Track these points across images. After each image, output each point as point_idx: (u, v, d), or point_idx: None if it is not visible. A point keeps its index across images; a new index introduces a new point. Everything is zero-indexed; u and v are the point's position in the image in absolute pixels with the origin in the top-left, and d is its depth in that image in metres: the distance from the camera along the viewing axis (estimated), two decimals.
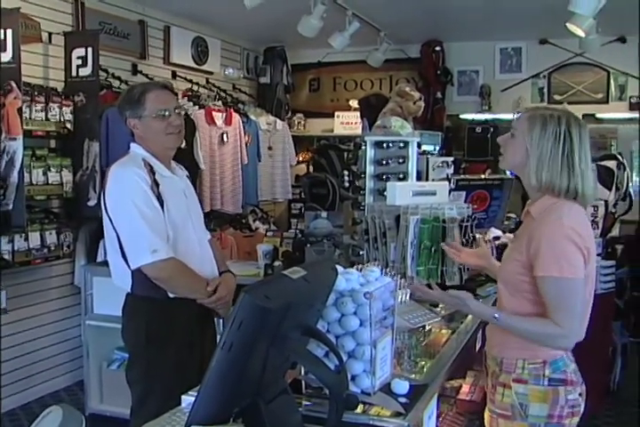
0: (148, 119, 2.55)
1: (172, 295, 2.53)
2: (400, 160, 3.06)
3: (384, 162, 3.02)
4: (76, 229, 4.53)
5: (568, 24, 4.58)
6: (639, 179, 6.37)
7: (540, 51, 6.57)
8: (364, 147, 3.04)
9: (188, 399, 1.68)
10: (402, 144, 3.06)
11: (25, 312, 4.33)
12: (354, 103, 6.64)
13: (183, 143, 3.28)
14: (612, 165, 4.60)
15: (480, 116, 6.71)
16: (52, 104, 4.17)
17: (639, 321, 4.83)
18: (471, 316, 2.69)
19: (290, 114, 7.20)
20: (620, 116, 6.40)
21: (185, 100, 5.29)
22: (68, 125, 4.27)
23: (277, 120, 6.34)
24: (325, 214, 3.65)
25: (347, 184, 3.30)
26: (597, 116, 6.46)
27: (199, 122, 5.17)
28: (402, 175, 3.05)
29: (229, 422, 1.40)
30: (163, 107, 2.55)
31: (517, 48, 6.69)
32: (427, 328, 2.44)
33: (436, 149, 3.70)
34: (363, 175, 3.04)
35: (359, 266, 1.92)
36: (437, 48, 6.70)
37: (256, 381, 1.39)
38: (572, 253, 1.88)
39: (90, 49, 4.36)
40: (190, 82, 5.69)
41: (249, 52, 7.01)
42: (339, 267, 1.74)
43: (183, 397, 1.70)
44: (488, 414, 2.11)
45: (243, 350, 1.29)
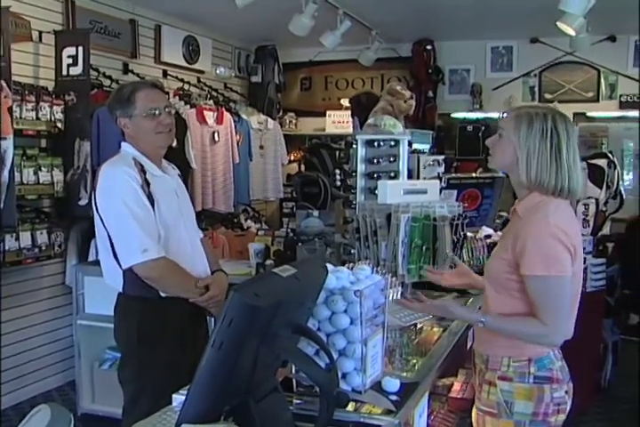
0: (138, 118, 2.54)
1: (163, 295, 2.53)
2: (391, 159, 3.06)
3: (375, 160, 3.02)
4: (67, 229, 4.52)
5: (559, 23, 4.60)
6: (630, 177, 6.40)
7: (531, 49, 6.58)
8: (354, 145, 3.04)
9: (178, 398, 1.68)
10: (393, 143, 3.06)
11: (16, 312, 4.31)
12: (345, 102, 6.64)
13: (174, 142, 3.28)
14: (602, 163, 4.63)
15: (471, 115, 6.71)
16: (42, 103, 4.15)
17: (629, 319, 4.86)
18: None
19: (281, 113, 7.19)
20: (611, 114, 6.42)
21: (176, 100, 5.28)
22: (58, 125, 4.26)
23: (269, 119, 6.33)
24: (317, 213, 3.65)
25: (338, 183, 3.30)
26: (588, 114, 6.47)
27: (190, 121, 5.16)
28: (393, 174, 3.05)
29: (220, 421, 1.40)
30: (153, 106, 2.55)
31: (508, 47, 6.70)
32: (418, 326, 2.45)
33: (427, 148, 3.71)
34: (354, 174, 3.05)
35: (350, 264, 1.92)
36: (429, 47, 6.70)
37: (246, 379, 1.40)
38: (559, 252, 1.89)
39: (80, 48, 4.34)
40: (181, 81, 5.68)
41: (240, 51, 7.00)
42: (329, 265, 1.74)
43: (174, 395, 1.70)
44: (475, 412, 2.12)
45: (233, 348, 1.30)
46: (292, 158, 7.09)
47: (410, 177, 3.20)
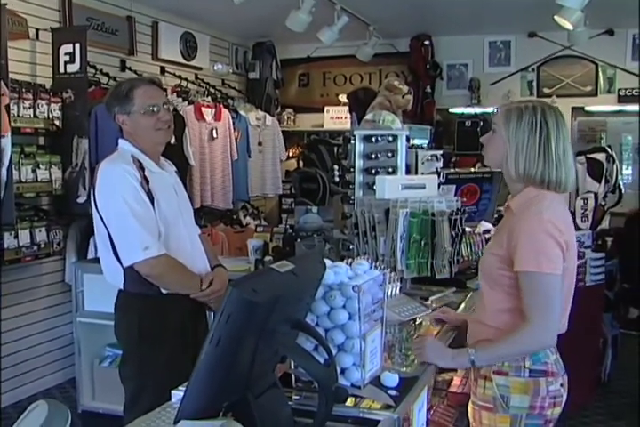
0: (136, 115, 2.54)
1: (164, 291, 2.52)
2: (389, 154, 3.05)
3: (373, 156, 3.01)
4: (66, 227, 4.52)
5: (556, 17, 4.60)
6: (629, 171, 6.40)
7: (529, 44, 6.58)
8: (352, 141, 3.04)
9: (178, 395, 1.67)
10: (391, 138, 3.05)
11: (16, 310, 4.32)
12: (343, 98, 6.63)
13: (173, 139, 3.27)
14: (601, 157, 4.63)
15: (470, 110, 6.71)
16: (40, 101, 4.15)
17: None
18: (462, 309, 2.71)
19: (279, 109, 7.19)
20: (609, 108, 6.42)
21: (174, 96, 5.28)
22: (56, 122, 4.25)
23: (267, 115, 6.33)
24: (316, 209, 3.65)
25: (337, 179, 3.29)
26: (586, 108, 6.48)
27: (188, 118, 5.16)
28: (391, 169, 3.04)
29: (219, 417, 1.40)
30: (151, 102, 2.54)
31: (506, 41, 6.69)
32: (417, 321, 2.44)
33: (425, 143, 3.71)
34: (352, 169, 3.04)
35: (349, 260, 1.92)
36: (426, 42, 6.70)
37: (245, 375, 1.40)
38: (551, 249, 1.88)
39: (77, 45, 4.34)
40: (179, 78, 5.67)
41: (238, 48, 6.99)
42: (327, 260, 1.74)
43: (173, 392, 1.69)
44: (471, 407, 2.12)
45: (231, 344, 1.30)
46: (291, 154, 7.09)
47: (408, 172, 3.19)
